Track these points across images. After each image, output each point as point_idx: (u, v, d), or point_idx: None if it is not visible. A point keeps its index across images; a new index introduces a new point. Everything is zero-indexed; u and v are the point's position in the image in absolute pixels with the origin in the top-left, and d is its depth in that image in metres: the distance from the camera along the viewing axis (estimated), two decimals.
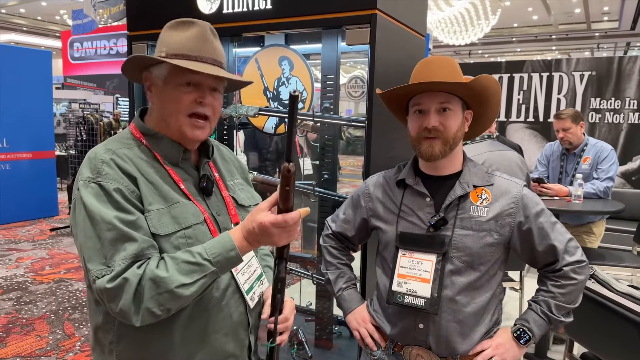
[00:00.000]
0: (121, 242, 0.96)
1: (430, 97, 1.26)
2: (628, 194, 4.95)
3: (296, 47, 2.31)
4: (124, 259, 0.95)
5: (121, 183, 1.00)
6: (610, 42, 16.00)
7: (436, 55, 1.32)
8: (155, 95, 1.10)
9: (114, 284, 0.93)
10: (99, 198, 0.97)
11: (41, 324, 3.49)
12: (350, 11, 1.79)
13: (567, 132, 3.34)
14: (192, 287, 0.97)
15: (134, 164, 1.04)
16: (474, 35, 10.37)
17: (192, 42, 1.07)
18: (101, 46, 13.22)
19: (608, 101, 5.30)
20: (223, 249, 0.99)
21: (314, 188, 2.17)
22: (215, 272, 0.99)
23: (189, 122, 1.08)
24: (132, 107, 2.34)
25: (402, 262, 1.32)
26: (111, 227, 0.95)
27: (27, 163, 6.78)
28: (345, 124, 2.13)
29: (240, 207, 1.22)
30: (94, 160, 1.02)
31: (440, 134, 1.25)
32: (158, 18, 2.25)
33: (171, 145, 1.10)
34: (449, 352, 1.30)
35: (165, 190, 1.05)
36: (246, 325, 1.18)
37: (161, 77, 1.07)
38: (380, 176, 1.47)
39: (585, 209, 3.06)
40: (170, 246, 1.02)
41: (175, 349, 1.06)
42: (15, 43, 16.49)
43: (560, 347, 2.91)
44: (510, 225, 1.28)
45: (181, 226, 1.04)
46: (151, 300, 0.94)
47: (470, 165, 1.35)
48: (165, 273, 0.95)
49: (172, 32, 1.09)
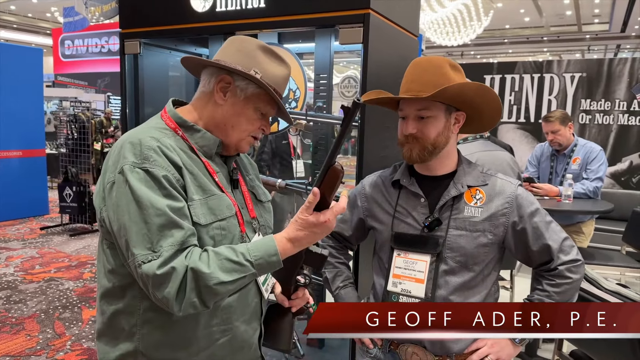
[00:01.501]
0: (169, 229, 0.97)
1: (409, 104, 1.28)
2: (617, 194, 5.01)
3: (289, 46, 2.31)
4: (171, 245, 0.96)
5: (168, 171, 1.01)
6: (600, 44, 16.15)
7: (426, 57, 1.33)
8: (229, 103, 1.12)
9: (163, 270, 0.94)
10: (147, 183, 0.98)
11: (31, 323, 3.47)
12: (343, 10, 1.80)
13: (556, 135, 3.37)
14: (230, 286, 0.99)
15: (178, 153, 1.06)
16: (466, 37, 10.41)
17: (283, 80, 1.16)
18: (92, 44, 13.11)
19: (598, 102, 5.35)
20: (265, 253, 1.02)
21: (307, 187, 2.17)
22: (254, 274, 1.02)
23: (248, 141, 1.16)
24: (125, 106, 2.33)
25: (397, 263, 1.33)
26: (161, 213, 0.96)
27: (17, 161, 6.72)
28: (338, 123, 2.14)
29: (258, 202, 1.27)
30: (138, 146, 1.01)
31: (418, 140, 1.27)
32: (151, 16, 2.25)
33: (208, 138, 1.13)
34: (443, 351, 1.31)
35: (204, 182, 1.08)
36: (260, 315, 1.22)
37: (246, 91, 1.12)
38: (377, 176, 1.47)
39: (575, 208, 3.10)
40: (207, 236, 1.05)
41: (198, 335, 1.09)
42: (5, 40, 16.30)
43: (550, 346, 2.93)
44: (505, 225, 1.29)
45: (217, 217, 1.07)
46: (192, 291, 0.96)
47: (465, 166, 1.36)
48: (207, 268, 0.96)
49: (269, 60, 1.14)
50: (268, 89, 1.10)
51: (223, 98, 1.12)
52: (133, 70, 2.33)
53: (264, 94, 1.12)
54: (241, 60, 1.12)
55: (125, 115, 2.32)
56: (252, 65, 1.12)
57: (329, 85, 2.18)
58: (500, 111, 1.33)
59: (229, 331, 1.13)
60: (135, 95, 2.34)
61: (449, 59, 1.32)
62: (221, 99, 1.12)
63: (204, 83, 1.15)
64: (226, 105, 1.13)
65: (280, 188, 2.28)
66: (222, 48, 1.17)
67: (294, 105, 2.26)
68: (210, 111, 1.14)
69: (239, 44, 1.15)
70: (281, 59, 1.16)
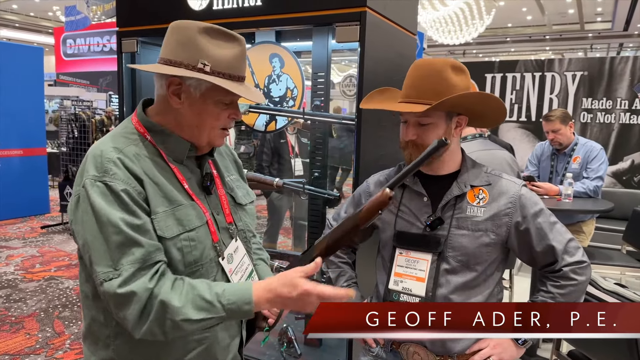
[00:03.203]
0: (128, 247, 0.95)
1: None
2: (618, 193, 4.99)
3: (287, 45, 2.30)
4: (131, 263, 0.94)
5: (129, 184, 0.98)
6: (603, 43, 16.08)
7: (428, 59, 1.31)
8: (187, 105, 1.05)
9: (123, 290, 0.93)
10: (106, 198, 0.96)
11: (31, 321, 3.47)
12: (340, 8, 1.79)
13: (556, 134, 3.35)
14: (196, 325, 0.97)
15: (141, 163, 1.02)
16: (468, 35, 10.37)
17: (236, 61, 1.06)
18: (94, 43, 13.10)
19: (600, 101, 5.33)
20: (240, 299, 0.99)
21: (304, 186, 2.17)
22: (222, 318, 0.99)
23: (220, 134, 1.11)
24: (122, 104, 2.32)
25: (399, 261, 1.33)
26: (118, 231, 0.94)
27: (18, 160, 6.72)
28: (336, 122, 2.13)
29: (237, 205, 1.22)
30: (99, 158, 0.99)
31: (418, 146, 1.27)
32: (148, 14, 2.24)
33: (179, 143, 1.09)
34: (445, 351, 1.30)
35: (170, 191, 1.04)
36: (239, 322, 1.19)
37: (199, 89, 1.04)
38: (382, 175, 1.48)
39: (575, 208, 3.08)
40: (174, 248, 1.02)
41: (173, 346, 1.07)
42: (8, 39, 16.34)
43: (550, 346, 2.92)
44: (507, 225, 1.28)
45: (185, 229, 1.03)
46: (156, 322, 0.95)
47: (469, 165, 1.35)
48: (177, 302, 0.95)
49: (215, 43, 1.04)
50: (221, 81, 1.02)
51: (179, 101, 1.05)
52: (130, 68, 2.32)
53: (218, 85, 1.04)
54: (185, 53, 1.02)
55: (123, 114, 2.32)
56: (198, 57, 1.02)
57: (327, 84, 2.17)
58: (505, 115, 1.32)
59: (206, 340, 1.10)
60: (132, 94, 2.34)
61: (453, 60, 1.29)
62: (177, 102, 1.05)
63: (158, 87, 1.08)
64: (184, 107, 1.06)
65: (278, 187, 2.28)
66: (164, 41, 1.07)
67: (291, 104, 2.25)
68: (172, 115, 1.08)
69: (179, 33, 1.04)
70: (229, 36, 1.06)
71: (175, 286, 0.97)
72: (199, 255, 1.05)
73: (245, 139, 4.94)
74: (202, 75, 1.01)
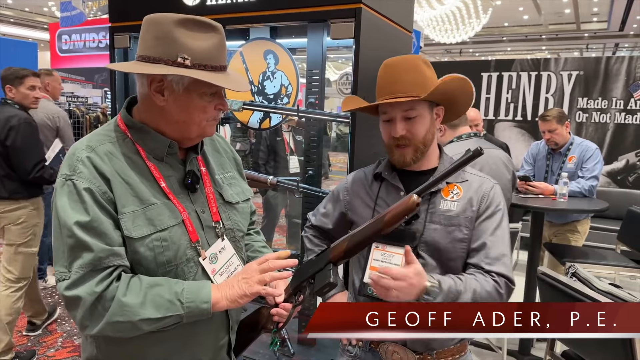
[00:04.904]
0: (79, 250, 0.95)
1: (393, 106, 1.27)
2: (613, 193, 5.00)
3: (282, 41, 2.28)
4: (80, 267, 0.95)
5: (93, 183, 0.97)
6: (599, 43, 16.13)
7: (399, 57, 1.31)
8: (171, 101, 1.03)
9: (69, 293, 0.94)
10: (70, 197, 0.97)
11: (23, 319, 3.43)
12: (335, 5, 1.78)
13: (552, 134, 3.35)
14: (155, 324, 0.97)
15: (112, 162, 1.01)
16: (465, 34, 10.39)
17: (215, 50, 1.03)
18: (90, 39, 12.99)
19: (595, 101, 5.34)
20: (197, 297, 0.99)
21: (298, 184, 2.15)
22: (181, 316, 0.99)
23: (210, 124, 1.09)
24: (114, 100, 2.30)
25: (375, 255, 1.31)
26: (71, 234, 0.95)
27: None
28: (330, 120, 2.11)
29: (226, 203, 1.19)
30: (72, 157, 1.00)
31: (409, 141, 1.27)
32: (141, 9, 2.21)
33: (158, 140, 1.06)
34: (424, 348, 1.29)
35: (142, 191, 1.02)
36: (226, 325, 1.16)
37: (182, 83, 1.02)
38: (361, 171, 1.48)
39: (570, 207, 3.07)
40: (145, 249, 1.00)
41: (154, 347, 1.06)
42: (3, 35, 16.21)
43: (543, 345, 2.92)
44: (472, 218, 1.28)
45: (156, 228, 1.01)
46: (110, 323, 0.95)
47: (447, 162, 1.35)
48: (134, 302, 0.95)
49: (192, 35, 1.00)
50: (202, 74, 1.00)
51: (162, 99, 1.03)
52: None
53: None
54: (162, 48, 1.00)
55: (116, 111, 2.29)
56: (176, 51, 0.99)
57: (322, 81, 2.15)
58: (472, 98, 1.35)
59: (186, 343, 1.09)
60: (125, 90, 2.31)
61: (421, 56, 1.31)
62: (161, 100, 1.03)
63: (139, 85, 1.06)
64: (169, 104, 1.03)
65: (272, 185, 2.26)
66: (140, 36, 1.05)
67: (286, 101, 2.23)
68: (156, 113, 1.06)
69: (155, 28, 1.01)
70: (206, 25, 1.03)
71: (132, 286, 0.97)
72: (172, 256, 1.03)
73: (241, 137, 4.92)
74: (182, 70, 0.99)
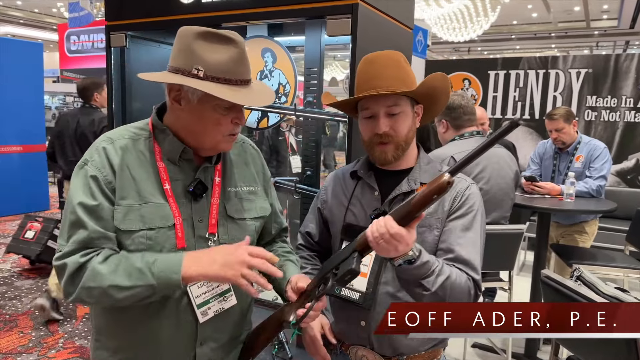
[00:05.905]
0: (76, 227, 1.02)
1: (377, 101, 1.22)
2: (623, 193, 4.91)
3: (280, 39, 2.24)
4: (73, 242, 1.01)
5: (101, 172, 1.04)
6: (609, 41, 15.92)
7: (379, 52, 1.27)
8: (186, 110, 1.07)
9: (58, 263, 1.01)
10: (82, 180, 1.04)
11: (25, 319, 3.44)
12: (331, 0, 1.74)
13: (560, 133, 3.28)
14: (126, 292, 0.99)
15: (125, 156, 1.07)
16: (473, 32, 10.29)
17: (232, 63, 1.04)
18: (98, 39, 13.08)
19: (604, 99, 5.24)
20: (167, 267, 1.01)
21: (296, 185, 2.11)
22: (152, 287, 1.00)
23: (226, 140, 1.10)
24: (111, 100, 2.27)
25: None
26: (73, 211, 1.02)
27: (18, 156, 6.70)
28: (328, 119, 2.07)
29: (228, 217, 1.16)
30: (94, 145, 1.09)
31: (392, 138, 1.23)
32: (137, 8, 2.19)
33: (173, 143, 1.10)
34: (392, 352, 1.27)
35: (144, 188, 1.06)
36: (194, 338, 1.14)
37: (196, 94, 1.04)
38: (340, 170, 1.45)
39: (577, 208, 3.00)
40: (131, 243, 1.04)
41: (124, 348, 1.12)
42: (12, 36, 16.35)
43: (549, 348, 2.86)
44: (443, 219, 1.24)
45: (145, 226, 1.04)
46: (84, 289, 1.00)
47: (423, 162, 1.31)
48: (105, 269, 0.99)
49: (209, 47, 1.03)
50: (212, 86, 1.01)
51: (180, 107, 1.08)
52: (120, 63, 2.28)
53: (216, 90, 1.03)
54: (182, 60, 1.04)
55: (112, 110, 2.27)
56: (193, 63, 1.02)
57: (320, 80, 2.11)
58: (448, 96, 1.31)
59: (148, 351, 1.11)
60: (122, 89, 2.29)
61: (400, 52, 1.28)
62: (178, 108, 1.08)
63: (165, 92, 1.11)
64: (185, 112, 1.08)
65: None
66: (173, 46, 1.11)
67: (283, 100, 2.19)
68: (176, 118, 1.11)
69: (179, 40, 1.06)
70: (225, 39, 1.04)
71: (109, 258, 1.02)
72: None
73: None
74: (194, 81, 1.01)
